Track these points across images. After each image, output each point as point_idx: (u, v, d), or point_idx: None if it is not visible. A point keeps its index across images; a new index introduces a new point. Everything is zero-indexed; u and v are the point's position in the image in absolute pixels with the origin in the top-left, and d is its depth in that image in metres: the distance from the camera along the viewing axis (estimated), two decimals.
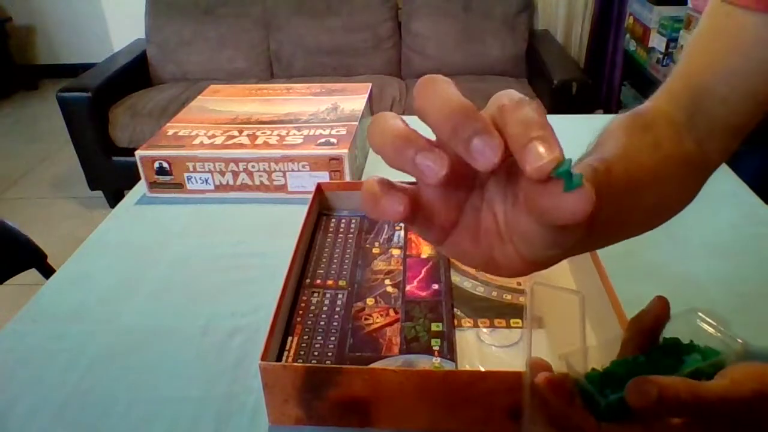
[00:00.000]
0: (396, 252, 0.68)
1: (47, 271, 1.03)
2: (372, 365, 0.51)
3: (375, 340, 0.56)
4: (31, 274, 1.02)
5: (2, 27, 3.78)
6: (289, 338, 0.56)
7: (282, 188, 0.87)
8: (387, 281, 0.64)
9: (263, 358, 0.48)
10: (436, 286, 0.62)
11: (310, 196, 0.72)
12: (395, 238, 0.70)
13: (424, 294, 0.62)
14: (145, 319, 0.64)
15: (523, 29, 2.56)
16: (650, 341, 0.36)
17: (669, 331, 0.37)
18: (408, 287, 0.63)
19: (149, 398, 0.54)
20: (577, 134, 0.40)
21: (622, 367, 0.34)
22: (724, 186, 0.85)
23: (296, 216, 0.67)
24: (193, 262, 0.74)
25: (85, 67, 2.57)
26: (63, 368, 0.58)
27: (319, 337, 0.57)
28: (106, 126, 2.36)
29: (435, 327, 0.57)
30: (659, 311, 0.37)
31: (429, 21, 2.57)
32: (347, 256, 0.68)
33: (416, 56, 2.62)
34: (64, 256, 0.76)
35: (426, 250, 0.68)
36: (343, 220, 0.74)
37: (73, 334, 0.62)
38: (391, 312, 0.59)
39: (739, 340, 0.34)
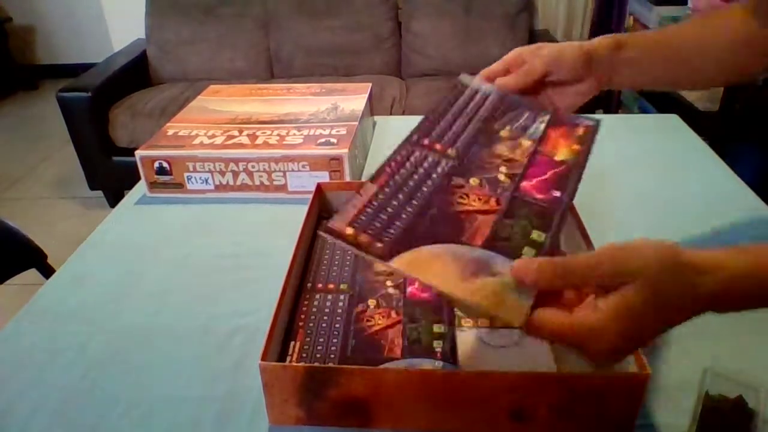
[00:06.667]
0: None
1: (47, 271, 1.03)
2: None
3: (377, 342, 0.56)
4: (31, 274, 1.02)
5: (2, 27, 3.78)
6: (292, 343, 0.56)
7: (282, 188, 0.87)
8: (388, 283, 0.64)
9: (263, 358, 0.48)
10: None
11: (310, 196, 0.72)
12: None
13: (425, 295, 0.62)
14: (145, 319, 0.64)
15: (523, 29, 2.56)
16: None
17: None
18: (409, 289, 0.63)
19: (149, 398, 0.54)
20: None
21: None
22: (724, 186, 0.85)
23: (296, 216, 0.67)
24: (193, 261, 0.74)
25: (85, 67, 2.57)
26: (63, 368, 0.58)
27: (321, 340, 0.57)
28: (106, 126, 2.36)
29: (436, 328, 0.57)
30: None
31: (429, 21, 2.57)
32: (348, 257, 0.68)
33: (416, 56, 2.62)
34: (64, 256, 0.76)
35: None
36: None
37: (73, 334, 0.62)
38: (393, 314, 0.59)
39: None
